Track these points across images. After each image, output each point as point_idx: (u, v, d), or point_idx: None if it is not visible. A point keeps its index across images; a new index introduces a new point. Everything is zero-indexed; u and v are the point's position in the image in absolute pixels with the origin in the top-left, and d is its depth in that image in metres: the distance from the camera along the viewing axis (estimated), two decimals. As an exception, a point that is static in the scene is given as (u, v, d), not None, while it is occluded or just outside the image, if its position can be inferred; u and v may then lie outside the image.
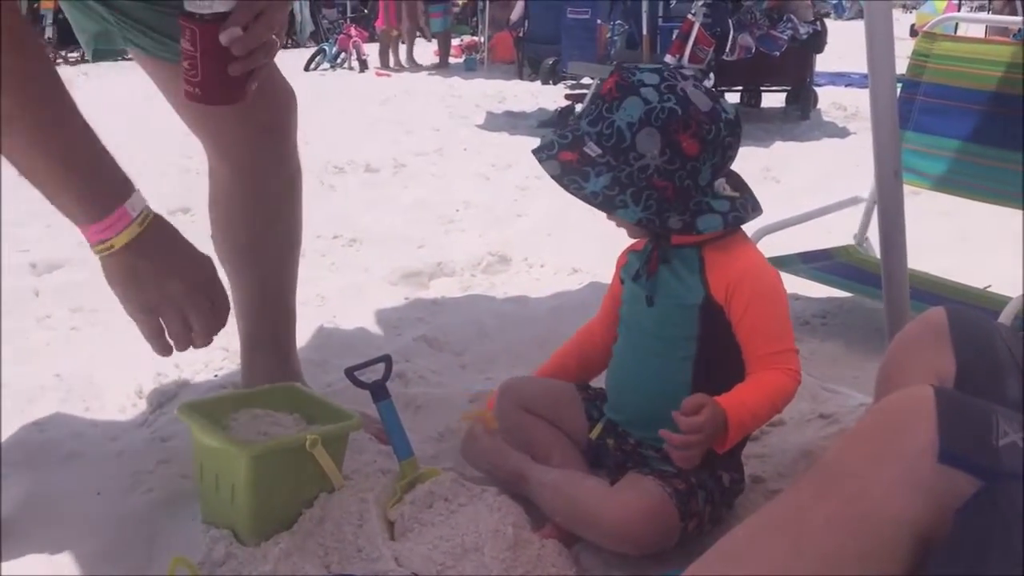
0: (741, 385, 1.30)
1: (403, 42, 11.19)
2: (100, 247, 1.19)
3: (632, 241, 1.47)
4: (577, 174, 1.30)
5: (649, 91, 1.29)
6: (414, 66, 10.99)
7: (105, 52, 1.60)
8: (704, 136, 1.29)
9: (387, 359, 1.52)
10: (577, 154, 1.31)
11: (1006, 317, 1.90)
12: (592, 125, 1.32)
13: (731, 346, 1.34)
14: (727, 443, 1.26)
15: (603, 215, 1.36)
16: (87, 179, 1.18)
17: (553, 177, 1.31)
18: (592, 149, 1.30)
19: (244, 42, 1.24)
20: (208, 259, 1.29)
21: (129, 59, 1.63)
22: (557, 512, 1.33)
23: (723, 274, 1.33)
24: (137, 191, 1.22)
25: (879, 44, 1.60)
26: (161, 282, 1.21)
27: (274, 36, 1.30)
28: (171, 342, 1.24)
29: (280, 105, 1.62)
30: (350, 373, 1.50)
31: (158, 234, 1.22)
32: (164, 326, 1.23)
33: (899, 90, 2.42)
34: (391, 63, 10.88)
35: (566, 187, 1.30)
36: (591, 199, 1.29)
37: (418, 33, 11.46)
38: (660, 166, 1.28)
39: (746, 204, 1.37)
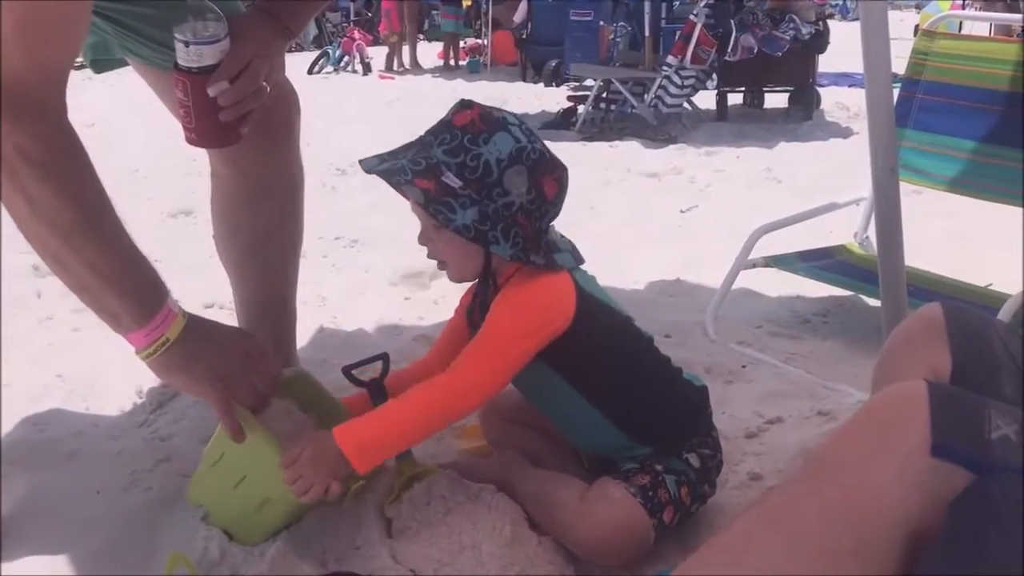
0: (390, 404, 1.30)
1: (406, 44, 11.22)
2: (155, 346, 1.22)
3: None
4: (442, 204, 1.23)
5: (515, 129, 1.27)
6: (417, 69, 11.01)
7: (104, 63, 1.62)
8: (562, 181, 1.30)
9: (384, 357, 1.52)
10: (434, 183, 1.23)
11: (1005, 314, 1.89)
12: (451, 155, 1.24)
13: (588, 353, 1.31)
14: (360, 464, 1.24)
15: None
16: (135, 285, 1.22)
17: (419, 204, 1.25)
18: (451, 180, 1.23)
19: (231, 94, 1.31)
20: (244, 332, 1.37)
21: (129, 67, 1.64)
22: (538, 521, 1.34)
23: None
24: (171, 295, 1.27)
25: (875, 41, 1.60)
26: (221, 352, 1.27)
27: (263, 83, 1.35)
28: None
29: (284, 108, 1.63)
30: (348, 372, 1.50)
31: (195, 320, 1.28)
32: (233, 393, 1.27)
33: (899, 88, 2.42)
34: (395, 66, 10.91)
35: (433, 216, 1.23)
36: (464, 232, 1.23)
37: (420, 36, 11.49)
38: (524, 204, 1.25)
39: (576, 247, 1.37)
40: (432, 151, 1.25)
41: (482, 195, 1.23)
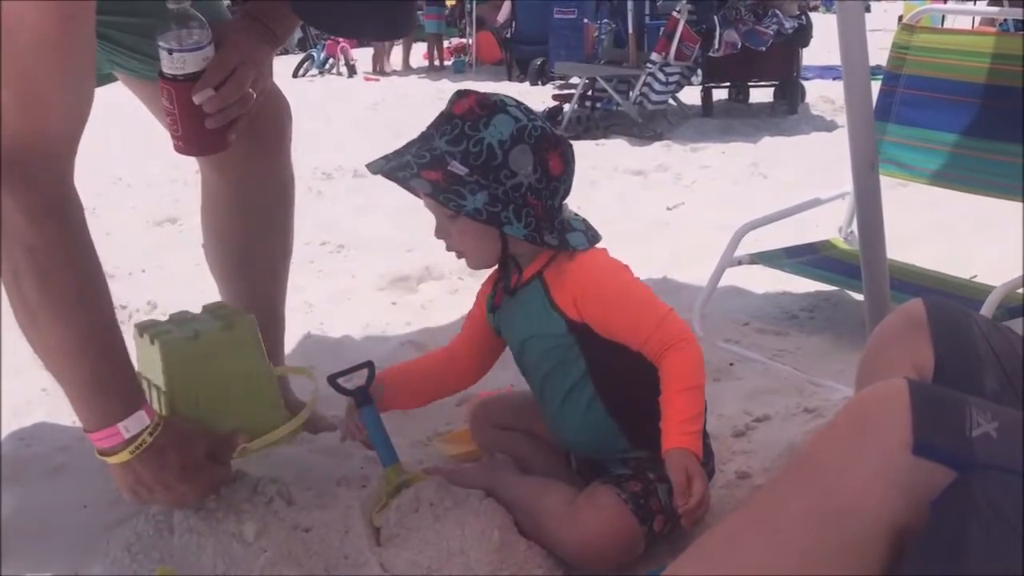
0: (664, 403, 1.27)
1: (397, 44, 11.19)
2: (99, 454, 1.25)
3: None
4: (450, 192, 1.24)
5: (514, 110, 1.28)
6: (407, 69, 11.00)
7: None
8: (567, 157, 1.31)
9: (370, 365, 1.52)
10: (441, 173, 1.24)
11: (989, 305, 1.90)
12: (454, 144, 1.25)
13: (618, 349, 1.31)
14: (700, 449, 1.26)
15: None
16: (97, 391, 1.22)
17: (427, 195, 1.26)
18: (457, 168, 1.24)
19: (216, 100, 1.31)
20: (192, 437, 1.31)
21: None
22: (525, 527, 1.33)
23: (566, 293, 1.31)
24: (139, 413, 1.24)
25: (852, 37, 1.61)
26: (151, 493, 1.28)
27: (249, 90, 1.35)
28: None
29: (274, 115, 1.63)
30: (333, 380, 1.50)
31: (154, 457, 1.25)
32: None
33: (880, 82, 2.43)
34: (385, 68, 10.89)
35: (444, 204, 1.25)
36: (476, 216, 1.24)
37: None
38: (532, 184, 1.27)
39: (591, 225, 1.38)
40: (435, 143, 1.28)
41: (490, 179, 1.25)
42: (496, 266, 1.41)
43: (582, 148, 5.59)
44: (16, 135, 1.12)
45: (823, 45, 7.40)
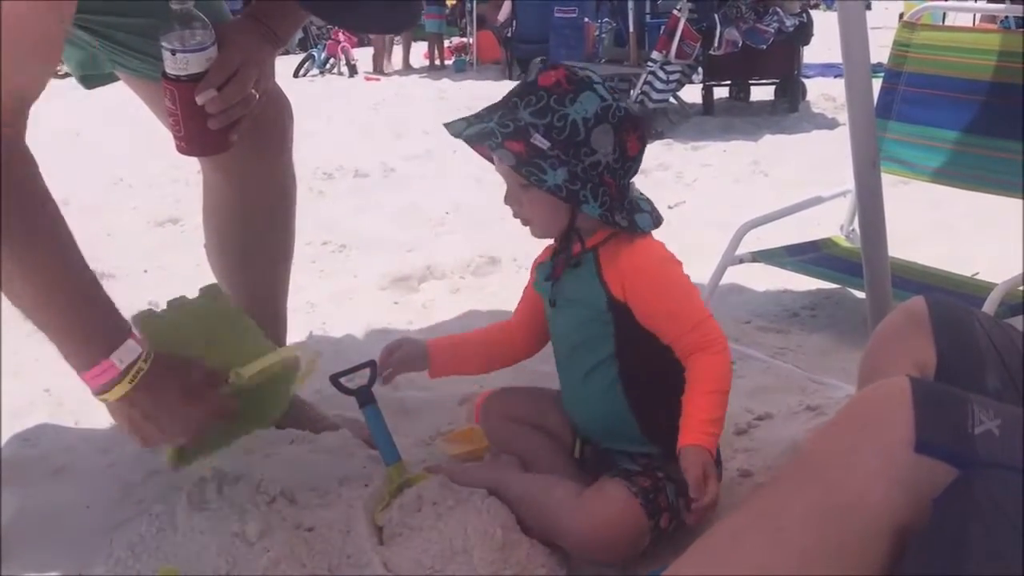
0: (687, 401, 1.28)
1: (397, 44, 11.19)
2: (97, 395, 1.22)
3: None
4: (532, 165, 1.25)
5: (600, 88, 1.29)
6: (408, 69, 10.99)
7: (94, 78, 1.61)
8: (644, 138, 1.32)
9: (372, 364, 1.52)
10: (524, 145, 1.26)
11: (991, 303, 1.90)
12: (538, 116, 1.27)
13: (650, 337, 1.32)
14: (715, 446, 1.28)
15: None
16: (79, 330, 1.20)
17: (510, 167, 1.28)
18: (540, 141, 1.26)
19: (218, 101, 1.31)
20: (188, 365, 1.30)
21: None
22: (530, 522, 1.33)
23: (616, 272, 1.32)
24: (128, 342, 1.22)
25: (853, 35, 1.61)
26: (158, 423, 1.26)
27: (252, 91, 1.35)
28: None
29: (276, 115, 1.63)
30: (335, 380, 1.50)
31: (154, 383, 1.23)
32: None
33: (881, 80, 2.43)
34: (384, 68, 10.88)
35: (526, 177, 1.27)
36: (556, 192, 1.25)
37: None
38: (610, 163, 1.29)
39: (655, 205, 1.39)
40: (519, 113, 1.29)
41: (570, 155, 1.26)
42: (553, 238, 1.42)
43: (583, 147, 5.59)
44: None
45: (824, 43, 7.38)
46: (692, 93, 6.86)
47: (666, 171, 4.76)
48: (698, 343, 1.28)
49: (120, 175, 4.66)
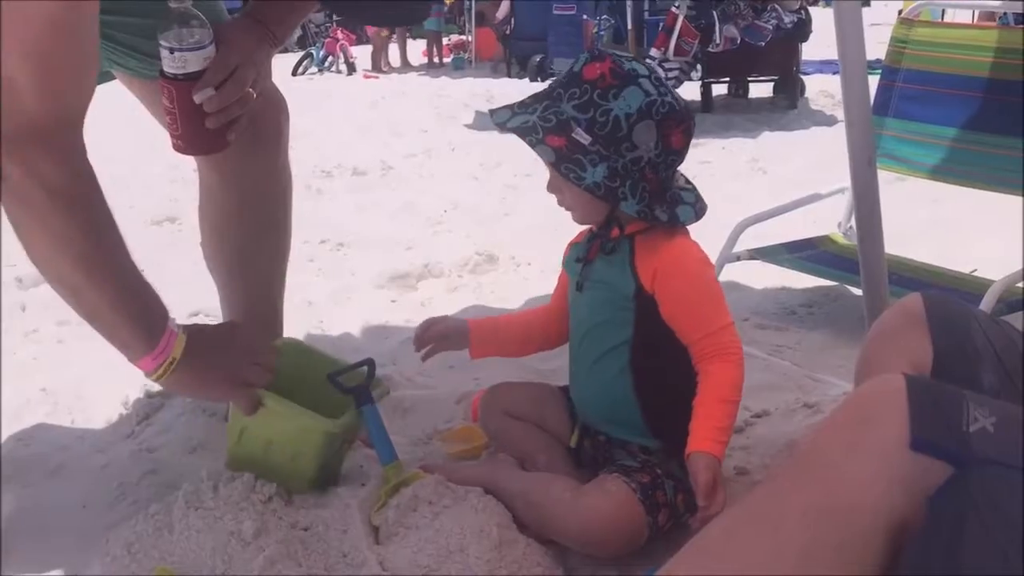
0: (700, 405, 1.27)
1: (393, 42, 11.18)
2: (163, 368, 1.27)
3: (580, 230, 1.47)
4: (572, 162, 1.26)
5: (646, 82, 1.28)
6: (406, 67, 10.99)
7: None
8: (689, 132, 1.31)
9: (370, 363, 1.52)
10: (565, 139, 1.26)
11: (988, 300, 1.90)
12: (581, 111, 1.26)
13: (667, 332, 1.32)
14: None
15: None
16: (140, 311, 1.27)
17: (549, 164, 1.28)
18: (582, 136, 1.25)
19: (216, 100, 1.32)
20: (233, 324, 1.47)
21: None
22: (528, 519, 1.33)
23: (650, 263, 1.32)
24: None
25: (850, 33, 1.60)
26: (224, 355, 1.34)
27: (249, 90, 1.35)
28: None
29: (272, 115, 1.63)
30: (333, 378, 1.50)
31: (193, 332, 1.32)
32: (247, 384, 1.36)
33: (879, 77, 2.42)
34: (382, 65, 10.89)
35: (565, 175, 1.27)
36: (594, 190, 1.25)
37: (407, 33, 11.46)
38: (651, 159, 1.28)
39: (700, 195, 1.38)
40: (562, 105, 1.28)
41: (611, 150, 1.26)
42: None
43: (581, 144, 5.58)
44: (36, 115, 1.14)
45: (823, 39, 7.38)
46: (691, 90, 6.85)
47: (665, 169, 4.75)
48: (717, 349, 1.28)
49: (117, 174, 4.65)
